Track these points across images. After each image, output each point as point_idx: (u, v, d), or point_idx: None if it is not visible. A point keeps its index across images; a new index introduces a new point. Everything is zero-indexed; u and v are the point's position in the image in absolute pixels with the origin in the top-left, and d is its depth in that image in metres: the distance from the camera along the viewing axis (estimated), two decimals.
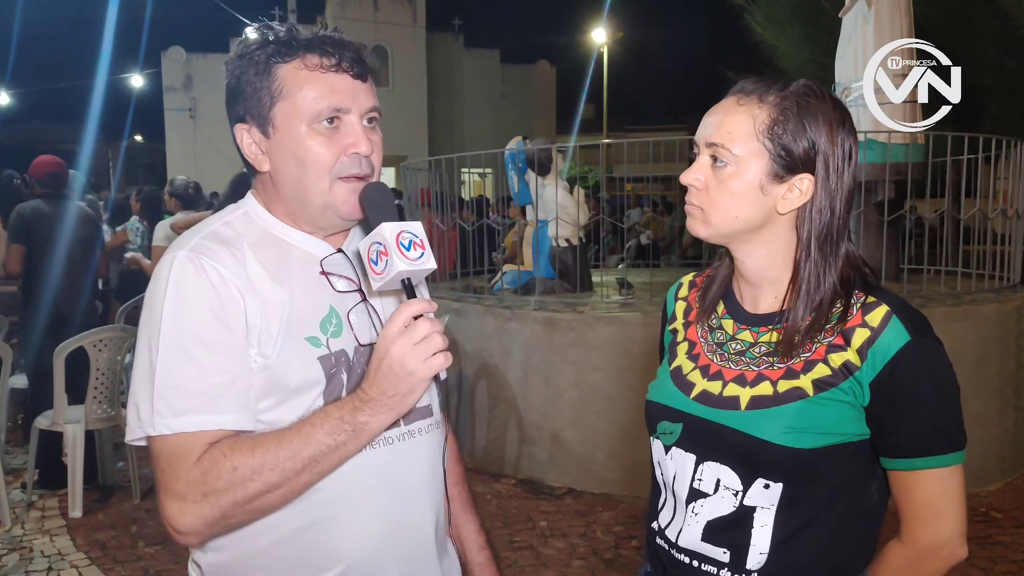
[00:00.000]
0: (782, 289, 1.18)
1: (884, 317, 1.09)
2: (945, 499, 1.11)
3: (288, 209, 1.20)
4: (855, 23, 5.05)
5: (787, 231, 1.16)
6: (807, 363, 1.12)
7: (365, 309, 1.21)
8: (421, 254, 1.07)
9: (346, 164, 1.14)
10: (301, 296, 1.15)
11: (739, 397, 1.15)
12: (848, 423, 1.11)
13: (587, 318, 4.42)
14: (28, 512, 4.12)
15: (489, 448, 4.80)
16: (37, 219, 4.42)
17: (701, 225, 1.18)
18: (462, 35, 26.10)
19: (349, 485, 1.14)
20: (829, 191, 1.12)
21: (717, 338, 1.24)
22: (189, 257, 1.11)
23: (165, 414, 1.07)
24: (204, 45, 24.22)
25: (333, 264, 1.20)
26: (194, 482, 1.05)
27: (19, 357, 4.69)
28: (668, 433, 1.22)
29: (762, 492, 1.12)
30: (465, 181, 7.11)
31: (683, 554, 1.19)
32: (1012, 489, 4.32)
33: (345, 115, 1.14)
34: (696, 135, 1.18)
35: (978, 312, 4.33)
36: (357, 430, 1.07)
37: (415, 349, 1.03)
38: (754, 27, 9.39)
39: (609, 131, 22.98)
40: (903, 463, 1.11)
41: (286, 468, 1.05)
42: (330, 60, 1.13)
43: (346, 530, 1.15)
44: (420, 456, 1.23)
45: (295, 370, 1.12)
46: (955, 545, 1.12)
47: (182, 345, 1.08)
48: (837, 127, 1.12)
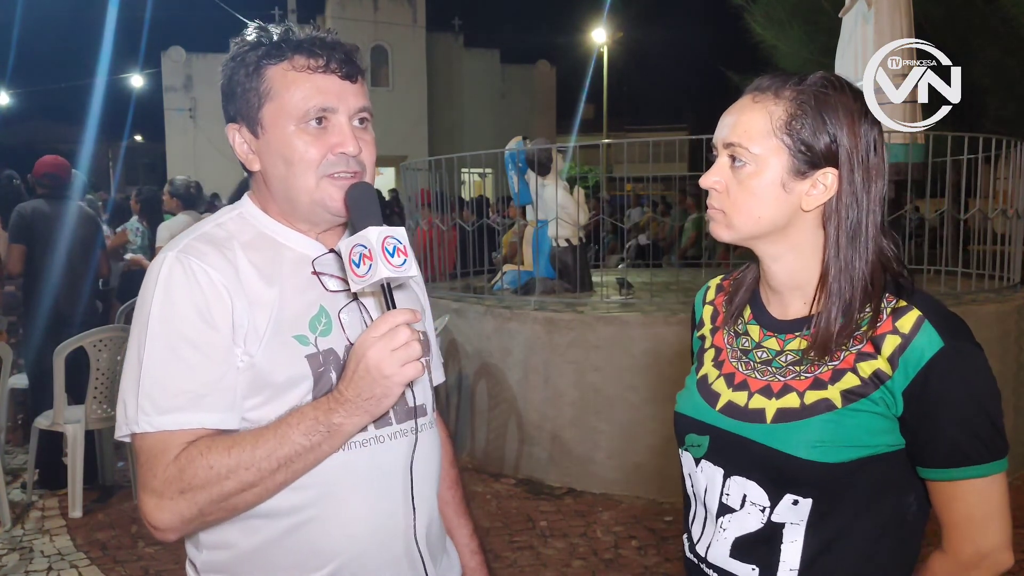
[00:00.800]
0: (811, 294, 1.13)
1: (916, 322, 1.04)
2: (986, 508, 1.07)
3: (280, 208, 1.22)
4: (855, 23, 5.05)
5: (814, 229, 1.12)
6: (835, 372, 1.08)
7: (357, 309, 1.21)
8: (404, 261, 1.09)
9: (332, 162, 1.16)
10: (291, 295, 1.17)
11: (765, 410, 1.11)
12: (881, 434, 1.06)
13: (587, 318, 4.42)
14: (28, 512, 4.12)
15: (489, 448, 4.80)
16: (38, 219, 4.42)
17: (724, 229, 1.14)
18: (462, 35, 26.12)
19: (339, 484, 1.15)
20: (855, 184, 1.08)
21: (743, 344, 1.20)
22: (178, 258, 1.13)
23: (149, 412, 1.09)
24: (204, 45, 24.24)
25: (325, 264, 1.21)
26: (171, 479, 1.07)
27: (19, 357, 4.70)
28: (696, 446, 1.19)
29: (791, 508, 1.08)
30: (465, 181, 7.12)
31: (712, 570, 1.17)
32: (1012, 489, 4.26)
33: (332, 115, 1.16)
34: (713, 137, 1.16)
35: (978, 312, 4.33)
36: (332, 431, 1.08)
37: (393, 355, 1.04)
38: (754, 27, 9.39)
39: (609, 131, 22.98)
40: (941, 473, 1.06)
41: (262, 467, 1.07)
42: (317, 61, 1.15)
43: (337, 529, 1.16)
44: (416, 455, 1.23)
45: (281, 368, 1.13)
46: (1000, 554, 1.08)
47: (168, 344, 1.10)
48: (859, 118, 1.08)
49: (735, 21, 9.65)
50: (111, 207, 8.62)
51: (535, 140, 5.54)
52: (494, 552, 3.61)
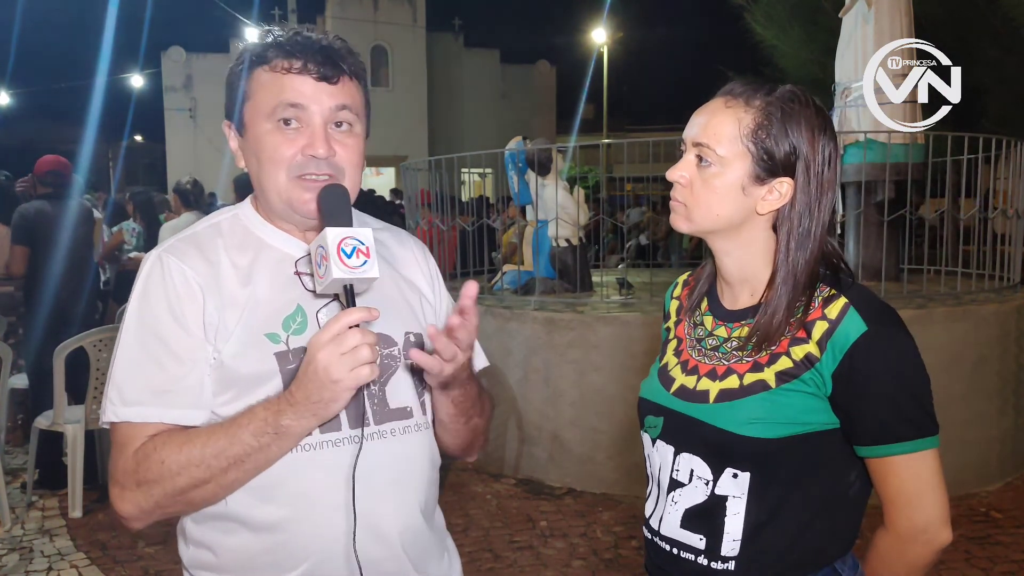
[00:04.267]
0: (758, 287, 1.22)
1: (842, 309, 1.13)
2: (917, 484, 1.13)
3: (263, 204, 1.25)
4: (855, 23, 5.05)
5: (765, 231, 1.20)
6: (771, 356, 1.16)
7: (337, 308, 1.21)
8: (364, 262, 1.09)
9: (301, 163, 1.17)
10: (267, 295, 1.18)
11: (709, 391, 1.20)
12: (812, 412, 1.14)
13: (587, 318, 4.42)
14: (28, 512, 4.12)
15: (489, 448, 4.79)
16: (40, 220, 4.42)
17: (683, 220, 1.23)
18: (462, 35, 26.11)
19: (312, 483, 1.15)
20: (808, 194, 1.16)
21: (698, 334, 1.29)
22: (160, 256, 1.18)
23: (116, 403, 1.13)
24: (204, 45, 24.24)
25: (308, 264, 1.22)
26: (128, 471, 1.11)
27: (19, 357, 4.70)
28: (653, 427, 1.29)
29: (731, 481, 1.17)
30: (465, 181, 7.11)
31: (664, 542, 1.24)
32: (1012, 489, 4.32)
33: (304, 115, 1.17)
34: (684, 133, 1.23)
35: (978, 312, 4.32)
36: (280, 432, 1.09)
37: (342, 359, 1.04)
38: (754, 27, 9.38)
39: (609, 131, 22.97)
40: (871, 450, 1.14)
41: (211, 465, 1.09)
42: (293, 62, 1.17)
43: (310, 529, 1.15)
44: (393, 457, 1.21)
45: (249, 364, 1.15)
46: (935, 530, 1.14)
47: (140, 340, 1.14)
48: (819, 133, 1.16)
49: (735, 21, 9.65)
50: (111, 207, 8.63)
51: (535, 140, 5.54)
52: (494, 552, 3.62)
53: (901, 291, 4.56)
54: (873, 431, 1.13)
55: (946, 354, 3.98)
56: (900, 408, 1.12)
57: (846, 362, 1.10)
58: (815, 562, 1.19)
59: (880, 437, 1.13)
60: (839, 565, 1.20)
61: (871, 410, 1.12)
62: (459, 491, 4.36)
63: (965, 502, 4.03)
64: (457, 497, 4.25)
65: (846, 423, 1.15)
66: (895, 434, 1.12)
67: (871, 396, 1.11)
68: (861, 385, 1.11)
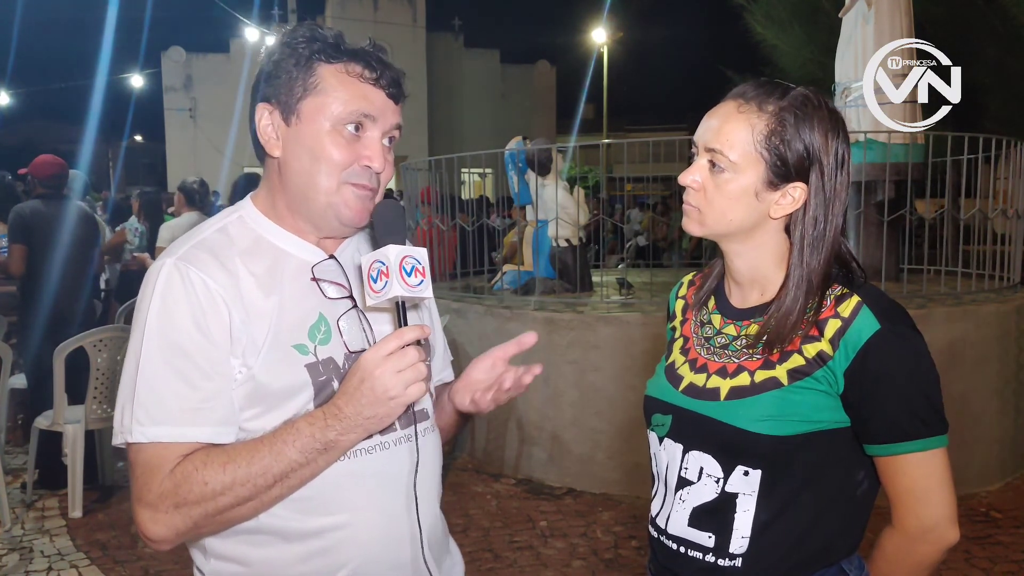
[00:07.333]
0: (768, 286, 1.22)
1: (855, 307, 1.13)
2: (927, 483, 1.14)
3: (289, 202, 1.20)
4: (855, 23, 5.05)
5: (777, 234, 1.21)
6: (783, 354, 1.17)
7: (356, 316, 1.21)
8: (421, 281, 1.10)
9: (356, 172, 1.17)
10: (290, 304, 1.16)
11: (719, 388, 1.20)
12: (824, 411, 1.14)
13: (587, 318, 4.42)
14: (28, 512, 4.12)
15: (489, 448, 4.80)
16: (37, 220, 4.42)
17: (696, 224, 1.23)
18: (462, 35, 26.09)
19: (346, 489, 1.15)
20: (822, 198, 1.16)
21: (706, 332, 1.29)
22: (176, 266, 1.12)
23: (144, 422, 1.08)
24: (204, 45, 24.18)
25: (324, 270, 1.21)
26: (166, 494, 1.06)
27: (19, 357, 4.69)
28: (660, 425, 1.28)
29: (742, 479, 1.17)
30: (465, 181, 7.11)
31: (672, 540, 1.24)
32: (1012, 489, 4.32)
33: (370, 126, 1.17)
34: (695, 136, 1.22)
35: (978, 312, 4.32)
36: (327, 447, 1.08)
37: (399, 376, 1.04)
38: (754, 27, 9.40)
39: (609, 131, 22.98)
40: (882, 449, 1.14)
41: (257, 483, 1.07)
42: (372, 73, 1.18)
43: (349, 537, 1.15)
44: (421, 458, 1.23)
45: (281, 379, 1.13)
46: (943, 528, 1.14)
47: (164, 356, 1.09)
48: (832, 136, 1.16)
49: (735, 21, 9.67)
50: (111, 207, 8.63)
51: (535, 140, 5.54)
52: (494, 552, 3.61)
53: (901, 291, 4.55)
54: (884, 429, 1.13)
55: (946, 354, 3.97)
56: (912, 407, 1.12)
57: (859, 360, 1.11)
58: (822, 560, 1.19)
59: (891, 435, 1.13)
60: (845, 565, 1.20)
61: (883, 408, 1.12)
62: (459, 491, 4.36)
63: (965, 502, 4.02)
64: (457, 497, 4.25)
65: (857, 421, 1.15)
66: (906, 432, 1.12)
67: (883, 394, 1.11)
68: (874, 383, 1.11)
